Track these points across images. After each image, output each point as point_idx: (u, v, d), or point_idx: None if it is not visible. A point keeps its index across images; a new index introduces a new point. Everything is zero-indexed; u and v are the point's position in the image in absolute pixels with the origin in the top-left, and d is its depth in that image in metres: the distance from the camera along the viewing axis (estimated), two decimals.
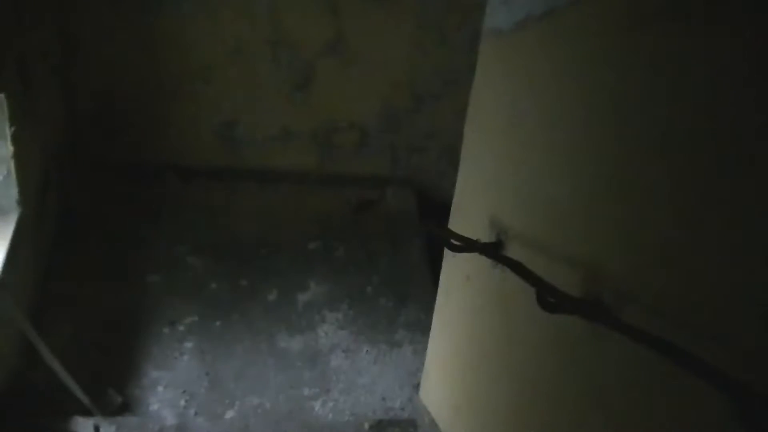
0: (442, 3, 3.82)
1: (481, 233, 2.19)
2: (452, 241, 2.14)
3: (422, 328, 3.51)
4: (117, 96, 3.93)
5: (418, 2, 3.81)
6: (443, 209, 4.29)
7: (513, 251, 1.97)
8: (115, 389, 2.96)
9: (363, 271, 3.87)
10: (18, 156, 2.91)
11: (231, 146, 4.13)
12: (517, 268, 1.77)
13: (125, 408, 2.95)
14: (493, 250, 2.01)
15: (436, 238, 4.23)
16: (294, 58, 3.92)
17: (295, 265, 3.83)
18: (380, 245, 4.03)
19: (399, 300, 3.74)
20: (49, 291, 3.35)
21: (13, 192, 2.98)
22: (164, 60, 3.86)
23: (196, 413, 3.00)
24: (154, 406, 3.01)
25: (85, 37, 3.77)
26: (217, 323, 3.42)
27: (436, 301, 2.73)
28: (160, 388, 3.08)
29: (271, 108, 4.04)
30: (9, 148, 2.88)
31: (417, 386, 3.13)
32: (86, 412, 2.83)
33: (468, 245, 2.09)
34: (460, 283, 2.46)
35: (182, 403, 3.04)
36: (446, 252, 2.62)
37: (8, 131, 2.85)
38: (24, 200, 2.99)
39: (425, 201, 4.31)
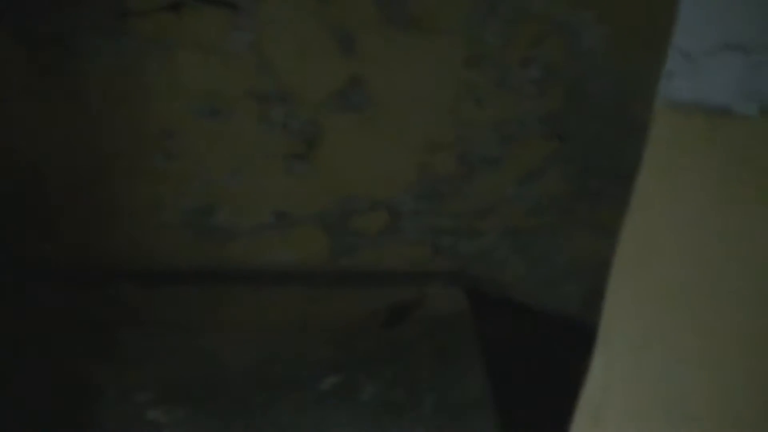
0: (500, 28, 2.81)
1: None
2: None
3: None
4: (44, 176, 3.00)
5: (467, 29, 2.81)
6: (502, 309, 3.30)
7: None
8: None
9: (402, 418, 2.83)
10: None
11: (209, 239, 3.18)
12: None
13: None
14: None
15: (503, 350, 3.22)
16: (292, 115, 2.94)
17: (306, 415, 2.80)
18: (424, 372, 3.01)
19: None
20: None
21: None
22: (106, 125, 2.91)
23: None
24: None
25: None
26: None
27: None
28: None
29: (262, 185, 3.08)
30: None
31: None
32: None
33: None
34: None
35: None
36: None
37: None
38: None
39: (478, 298, 3.34)
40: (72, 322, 3.01)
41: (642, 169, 1.27)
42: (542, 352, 3.39)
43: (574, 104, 2.95)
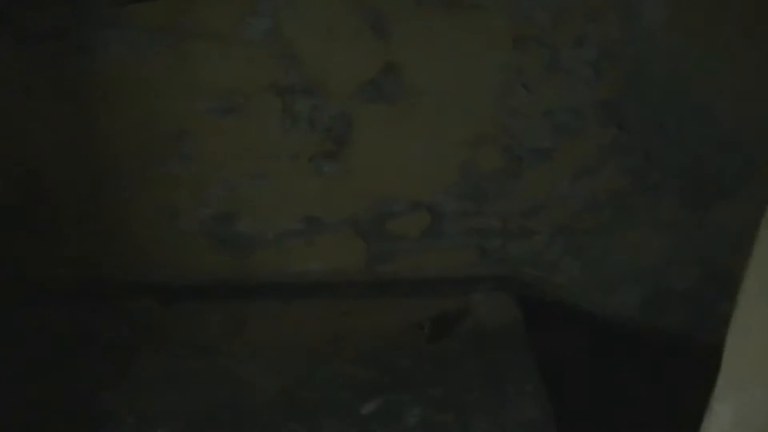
0: (551, 4, 2.55)
1: None
2: None
3: None
4: (46, 184, 2.79)
5: (514, 6, 2.54)
6: (556, 315, 2.99)
7: None
8: None
9: None
10: None
11: (230, 249, 2.95)
12: None
13: None
14: None
15: (559, 362, 2.94)
16: (318, 110, 2.69)
17: None
18: (474, 392, 2.70)
19: None
20: None
21: None
22: (113, 126, 2.68)
23: None
24: None
25: None
26: None
27: None
28: None
29: (287, 188, 2.84)
30: None
31: None
32: None
33: None
34: None
35: None
36: None
37: None
38: None
39: (530, 305, 3.06)
40: (81, 343, 2.79)
41: None
42: (602, 363, 3.10)
43: (633, 88, 2.67)
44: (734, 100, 2.64)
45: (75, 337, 2.80)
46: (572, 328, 3.13)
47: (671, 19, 2.54)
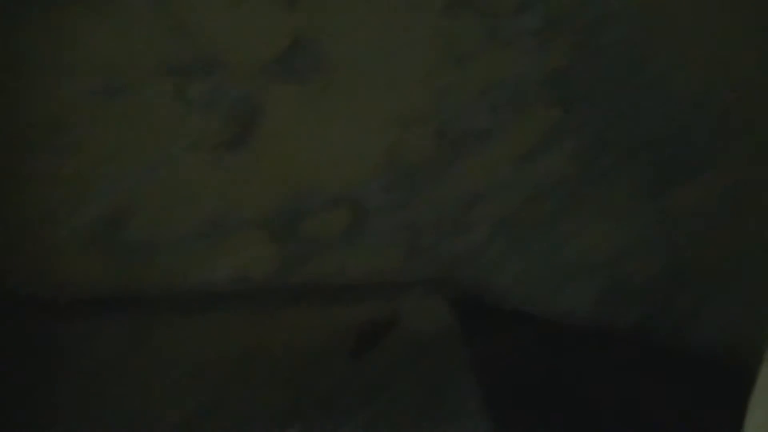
0: None
1: None
2: None
3: None
4: None
5: None
6: (498, 321, 2.78)
7: None
8: None
9: None
10: None
11: (120, 257, 2.68)
12: None
13: None
14: None
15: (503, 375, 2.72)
16: (218, 91, 2.44)
17: None
18: (406, 413, 2.50)
19: None
20: None
21: None
22: None
23: None
24: None
25: None
26: None
27: None
28: None
29: (184, 183, 2.59)
30: None
31: None
32: None
33: None
34: None
35: None
36: None
37: None
38: None
39: (468, 310, 2.86)
40: None
41: None
42: (552, 374, 2.91)
43: (583, 61, 2.51)
44: (698, 72, 2.50)
45: None
46: (517, 333, 2.95)
47: None
